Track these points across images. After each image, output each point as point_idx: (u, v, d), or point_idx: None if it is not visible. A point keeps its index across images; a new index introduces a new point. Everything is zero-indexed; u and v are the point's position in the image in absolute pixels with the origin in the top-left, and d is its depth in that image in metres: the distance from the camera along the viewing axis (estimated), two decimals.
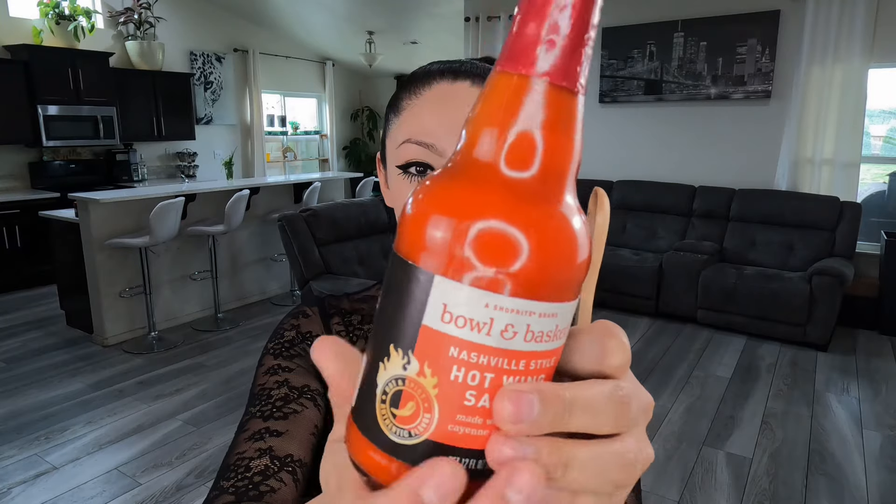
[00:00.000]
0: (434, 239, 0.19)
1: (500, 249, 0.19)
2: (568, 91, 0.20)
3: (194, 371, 3.64)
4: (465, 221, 0.19)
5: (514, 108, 0.20)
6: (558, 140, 0.20)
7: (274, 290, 5.23)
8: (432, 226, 0.19)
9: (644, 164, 5.35)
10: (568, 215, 0.20)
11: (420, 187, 0.21)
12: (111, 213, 3.98)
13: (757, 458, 2.72)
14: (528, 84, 0.20)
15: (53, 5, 5.59)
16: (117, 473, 2.58)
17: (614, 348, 0.23)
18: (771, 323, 4.09)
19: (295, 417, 0.57)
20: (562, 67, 0.20)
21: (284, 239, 3.60)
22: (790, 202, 4.53)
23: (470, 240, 0.19)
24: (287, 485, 0.51)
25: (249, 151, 8.03)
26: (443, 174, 0.21)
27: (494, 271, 0.19)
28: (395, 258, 0.21)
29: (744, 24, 4.75)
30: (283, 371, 0.61)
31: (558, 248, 0.20)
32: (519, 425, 0.19)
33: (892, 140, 4.89)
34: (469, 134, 0.21)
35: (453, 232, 0.19)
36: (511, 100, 0.20)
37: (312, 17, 7.31)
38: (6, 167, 5.68)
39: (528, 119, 0.20)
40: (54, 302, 4.70)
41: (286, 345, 0.64)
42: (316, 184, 5.20)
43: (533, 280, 0.19)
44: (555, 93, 0.20)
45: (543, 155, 0.20)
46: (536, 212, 0.20)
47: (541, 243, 0.19)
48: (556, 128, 0.20)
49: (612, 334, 0.23)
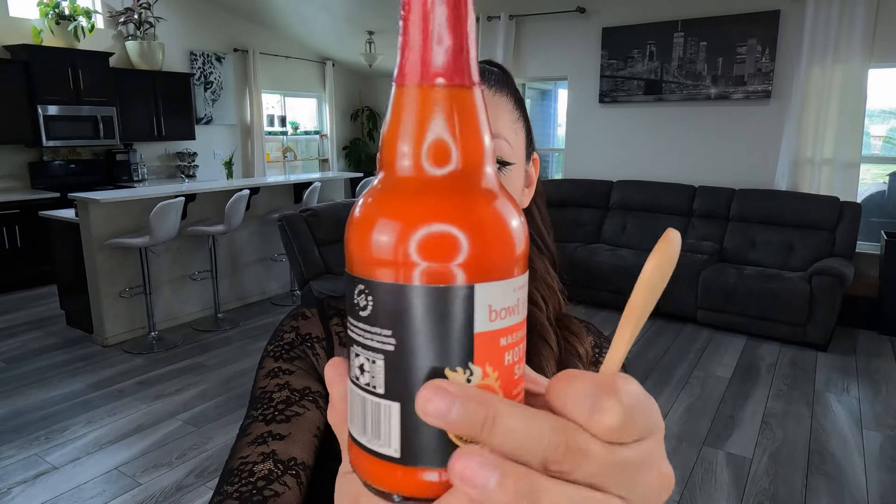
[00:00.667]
0: (465, 252, 0.21)
1: (507, 242, 0.22)
2: (462, 87, 0.22)
3: (194, 371, 3.64)
4: (472, 232, 0.21)
5: (421, 115, 0.22)
6: (469, 132, 0.22)
7: (274, 290, 5.23)
8: (455, 244, 0.21)
9: (644, 164, 5.35)
10: (491, 200, 0.22)
11: (376, 214, 0.22)
12: (111, 213, 3.98)
13: (757, 458, 2.72)
14: (425, 91, 0.22)
15: (53, 5, 5.59)
16: (117, 473, 2.58)
17: (608, 408, 0.20)
18: (771, 323, 4.09)
19: (297, 420, 0.56)
20: (451, 68, 0.21)
21: (284, 239, 3.60)
22: (790, 202, 4.53)
23: (488, 242, 0.21)
24: (291, 488, 0.51)
25: (249, 151, 8.03)
26: (392, 195, 0.22)
27: (512, 260, 0.22)
28: (410, 290, 0.21)
29: (744, 24, 4.75)
30: (283, 374, 0.61)
31: (504, 229, 0.22)
32: (436, 420, 0.19)
33: (892, 140, 4.89)
34: (391, 148, 0.23)
35: (478, 242, 0.21)
36: (415, 109, 0.22)
37: (312, 17, 7.31)
38: (6, 167, 5.68)
39: (440, 122, 0.22)
40: (54, 302, 4.70)
41: (286, 347, 0.64)
42: (316, 184, 5.19)
43: (523, 256, 0.22)
44: (451, 92, 0.22)
45: (463, 151, 0.22)
46: (475, 206, 0.22)
47: (514, 228, 0.22)
48: (464, 122, 0.22)
49: (613, 390, 0.20)
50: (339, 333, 0.66)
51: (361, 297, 0.22)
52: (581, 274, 4.67)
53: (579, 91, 5.65)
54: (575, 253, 4.84)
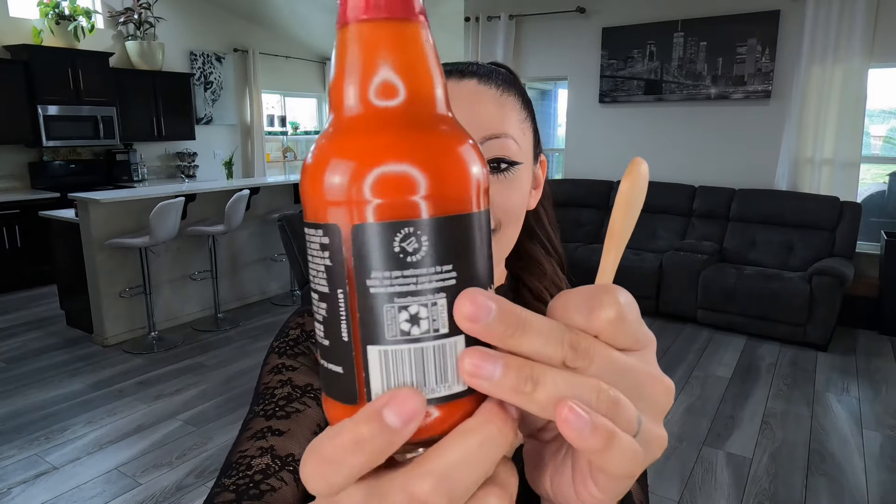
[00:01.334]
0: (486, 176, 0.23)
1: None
2: (407, 20, 0.22)
3: (194, 371, 3.64)
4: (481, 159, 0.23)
5: (368, 51, 0.22)
6: (420, 63, 0.22)
7: (274, 290, 5.23)
8: (483, 169, 0.23)
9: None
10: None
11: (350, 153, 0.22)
12: (111, 213, 3.98)
13: (757, 458, 2.72)
14: (370, 27, 0.22)
15: (53, 5, 5.59)
16: (117, 473, 2.58)
17: (605, 302, 0.22)
18: (771, 323, 4.09)
19: (297, 416, 0.57)
20: (390, 3, 0.21)
21: (284, 239, 3.60)
22: (790, 202, 4.53)
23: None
24: (288, 484, 0.51)
25: (249, 151, 8.03)
26: (352, 134, 0.22)
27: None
28: (469, 219, 0.22)
29: (744, 24, 4.75)
30: (286, 370, 0.61)
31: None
32: (475, 325, 0.20)
33: (892, 140, 4.89)
34: (339, 90, 0.23)
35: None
36: (362, 46, 0.22)
37: (312, 17, 7.31)
38: (6, 167, 5.68)
39: (387, 57, 0.22)
40: (54, 302, 4.70)
41: (290, 343, 0.64)
42: None
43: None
44: (397, 26, 0.22)
45: (410, 83, 0.22)
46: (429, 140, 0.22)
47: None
48: (413, 54, 0.22)
49: (608, 289, 0.23)
50: None
51: (410, 242, 0.21)
52: (581, 274, 4.64)
53: (579, 91, 5.65)
54: (575, 253, 4.84)
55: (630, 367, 0.23)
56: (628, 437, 0.22)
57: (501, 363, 0.20)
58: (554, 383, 0.21)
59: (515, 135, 0.57)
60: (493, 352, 0.20)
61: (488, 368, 0.20)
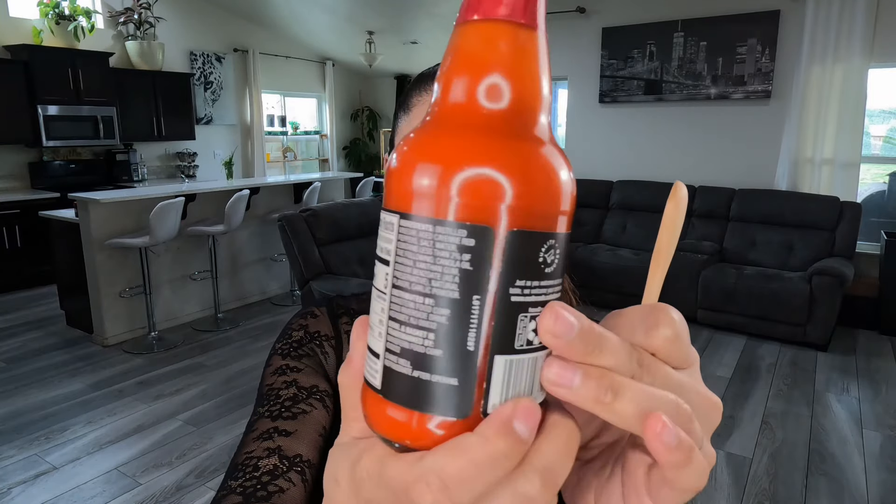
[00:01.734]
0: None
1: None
2: (528, 27, 0.21)
3: (194, 371, 3.64)
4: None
5: (485, 51, 0.21)
6: (525, 75, 0.21)
7: (274, 290, 5.23)
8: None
9: (644, 164, 5.35)
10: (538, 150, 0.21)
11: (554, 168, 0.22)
12: (111, 213, 3.98)
13: (757, 458, 2.72)
14: (491, 27, 0.21)
15: (53, 5, 5.59)
16: (117, 473, 2.58)
17: (662, 321, 0.23)
18: (771, 323, 4.09)
19: (303, 417, 0.57)
20: (519, 7, 0.21)
21: (284, 239, 3.60)
22: (790, 202, 4.53)
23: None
24: (296, 485, 0.51)
25: (249, 151, 8.03)
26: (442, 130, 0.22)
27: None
28: (567, 236, 0.22)
29: (744, 24, 4.75)
30: (291, 371, 0.61)
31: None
32: (558, 341, 0.20)
33: (892, 140, 4.89)
34: (448, 83, 0.22)
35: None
36: (480, 44, 0.21)
37: (312, 17, 7.31)
38: (6, 167, 5.68)
39: (500, 59, 0.21)
40: (54, 302, 4.70)
41: (294, 345, 0.64)
42: (316, 184, 5.20)
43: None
44: (517, 31, 0.21)
45: (514, 90, 0.21)
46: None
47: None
48: (522, 62, 0.21)
49: (663, 309, 0.24)
50: (347, 332, 0.66)
51: (550, 253, 0.21)
52: (581, 274, 4.67)
53: (579, 91, 5.65)
54: (575, 253, 4.84)
55: (685, 386, 0.24)
56: (708, 449, 0.23)
57: (581, 373, 0.21)
58: (634, 395, 0.21)
59: None
60: (573, 363, 0.21)
61: (570, 378, 0.20)
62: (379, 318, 0.22)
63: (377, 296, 0.22)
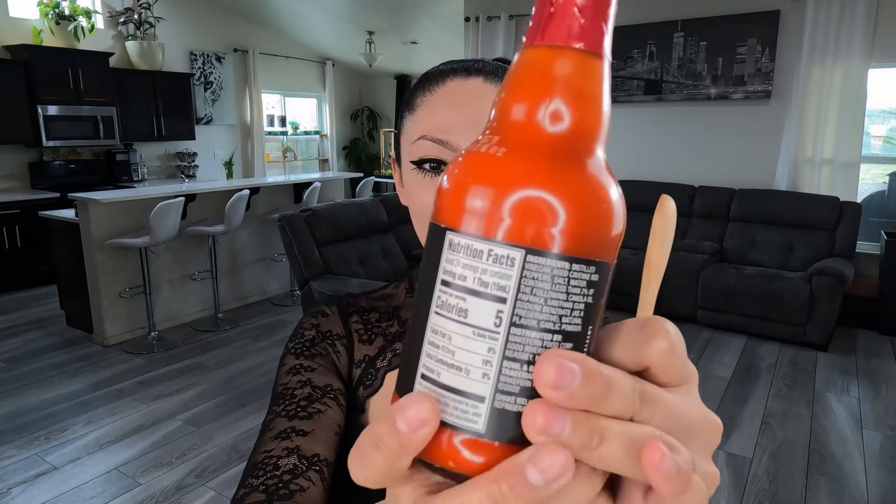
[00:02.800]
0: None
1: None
2: (595, 55, 0.21)
3: (194, 371, 3.64)
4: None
5: (549, 77, 0.21)
6: (590, 102, 0.21)
7: (274, 290, 5.23)
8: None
9: (644, 164, 5.35)
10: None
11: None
12: (111, 213, 3.98)
13: (757, 458, 2.72)
14: (559, 53, 0.21)
15: (53, 5, 5.59)
16: (117, 473, 2.58)
17: (657, 333, 0.22)
18: (771, 323, 4.09)
19: (319, 417, 0.57)
20: (588, 35, 0.21)
21: (284, 239, 3.60)
22: (790, 202, 4.53)
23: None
24: (316, 484, 0.52)
25: (249, 151, 8.03)
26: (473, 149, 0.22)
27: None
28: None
29: (744, 24, 4.75)
30: (305, 371, 0.62)
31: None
32: (558, 392, 0.19)
33: (892, 140, 4.89)
34: (511, 105, 0.22)
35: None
36: (546, 69, 0.21)
37: (312, 17, 7.31)
38: (6, 167, 5.68)
39: (564, 86, 0.21)
40: (54, 302, 4.70)
41: (307, 344, 0.65)
42: (316, 184, 5.20)
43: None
44: (584, 58, 0.21)
45: (577, 117, 0.21)
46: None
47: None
48: (587, 91, 0.21)
49: (658, 321, 0.23)
50: (358, 331, 0.67)
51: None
52: None
53: None
54: None
55: (683, 411, 0.23)
56: (709, 467, 0.22)
57: (570, 419, 0.19)
58: (618, 435, 0.20)
59: None
60: (561, 409, 0.20)
61: (557, 426, 0.19)
62: (483, 358, 0.20)
63: (478, 334, 0.20)
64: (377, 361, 0.64)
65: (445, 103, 0.56)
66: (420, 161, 0.56)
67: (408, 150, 0.58)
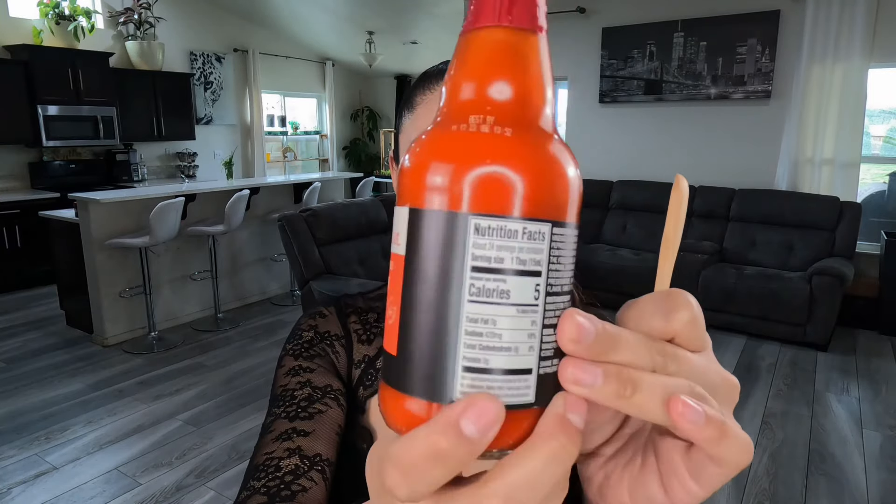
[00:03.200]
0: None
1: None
2: (530, 31, 0.22)
3: (194, 371, 3.64)
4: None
5: (491, 54, 0.22)
6: (531, 75, 0.22)
7: (274, 290, 5.23)
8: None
9: (644, 164, 5.35)
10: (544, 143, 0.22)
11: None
12: (111, 213, 3.98)
13: (757, 458, 2.72)
14: (495, 32, 0.22)
15: (53, 5, 5.59)
16: (117, 473, 2.58)
17: (680, 304, 0.24)
18: (771, 323, 4.09)
19: (320, 417, 0.57)
20: (520, 13, 0.22)
21: (284, 239, 3.60)
22: (790, 202, 4.53)
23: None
24: (318, 484, 0.52)
25: (249, 151, 8.03)
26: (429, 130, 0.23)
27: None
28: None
29: (744, 24, 4.75)
30: (304, 371, 0.61)
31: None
32: (577, 345, 0.21)
33: (892, 140, 4.89)
34: (456, 86, 0.23)
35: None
36: (486, 48, 0.22)
37: (312, 17, 7.31)
38: (6, 167, 5.68)
39: (504, 62, 0.22)
40: (54, 302, 4.70)
41: (305, 345, 0.64)
42: (316, 184, 5.20)
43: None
44: (513, 35, 0.22)
45: (519, 90, 0.22)
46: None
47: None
48: (525, 63, 0.22)
49: (679, 293, 0.24)
50: (356, 332, 0.67)
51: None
52: (581, 274, 4.66)
53: (579, 91, 5.66)
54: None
55: (706, 368, 0.24)
56: (737, 426, 0.23)
57: (601, 371, 0.21)
58: (651, 385, 0.21)
59: None
60: (592, 362, 0.21)
61: (589, 377, 0.21)
62: (528, 332, 0.21)
63: (522, 311, 0.21)
64: (377, 362, 0.64)
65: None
66: None
67: (406, 149, 0.58)
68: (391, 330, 0.22)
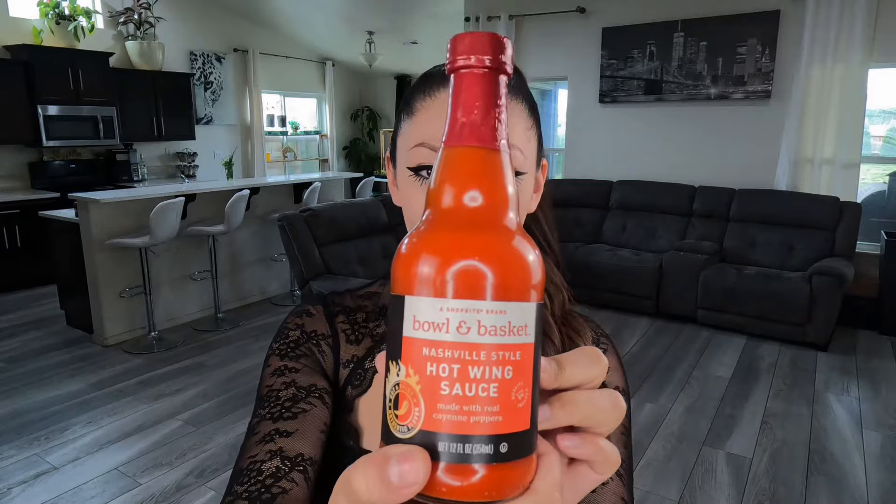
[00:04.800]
0: (400, 271, 0.26)
1: (440, 268, 0.25)
2: (490, 150, 0.27)
3: (194, 371, 3.64)
4: (416, 255, 0.26)
5: (463, 167, 0.27)
6: (493, 184, 0.27)
7: (274, 290, 5.23)
8: (398, 263, 0.26)
9: (644, 164, 5.35)
10: (502, 236, 0.27)
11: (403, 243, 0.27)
12: (111, 213, 3.98)
13: (757, 458, 2.72)
14: (463, 151, 0.27)
15: (53, 5, 5.59)
16: (117, 473, 2.58)
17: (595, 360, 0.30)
18: (771, 323, 4.09)
19: (304, 416, 0.57)
20: (482, 136, 0.27)
21: (284, 239, 3.60)
22: (790, 202, 4.53)
23: (421, 265, 0.25)
24: (299, 484, 0.51)
25: (249, 151, 8.03)
26: (420, 230, 0.27)
27: (440, 281, 0.25)
28: (390, 298, 0.27)
29: (744, 24, 4.75)
30: (289, 371, 0.61)
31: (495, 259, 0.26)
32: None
33: (892, 140, 4.89)
34: (434, 196, 0.28)
35: (409, 264, 0.26)
36: (459, 163, 0.27)
37: (312, 17, 7.31)
38: (6, 167, 5.68)
39: (471, 173, 0.27)
40: (54, 302, 4.70)
41: (291, 345, 0.64)
42: (316, 184, 5.19)
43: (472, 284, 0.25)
44: (481, 153, 0.27)
45: (485, 197, 0.27)
46: (481, 237, 0.26)
47: (481, 258, 0.25)
48: (490, 175, 0.27)
49: (588, 351, 0.30)
50: (345, 331, 0.66)
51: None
52: (581, 274, 4.67)
53: (579, 91, 5.65)
54: (575, 253, 4.84)
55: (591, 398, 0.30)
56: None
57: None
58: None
59: (521, 144, 0.56)
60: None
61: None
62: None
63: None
64: (365, 362, 0.64)
65: (446, 110, 0.55)
66: (418, 168, 0.56)
67: (405, 154, 0.57)
68: (525, 410, 0.25)
